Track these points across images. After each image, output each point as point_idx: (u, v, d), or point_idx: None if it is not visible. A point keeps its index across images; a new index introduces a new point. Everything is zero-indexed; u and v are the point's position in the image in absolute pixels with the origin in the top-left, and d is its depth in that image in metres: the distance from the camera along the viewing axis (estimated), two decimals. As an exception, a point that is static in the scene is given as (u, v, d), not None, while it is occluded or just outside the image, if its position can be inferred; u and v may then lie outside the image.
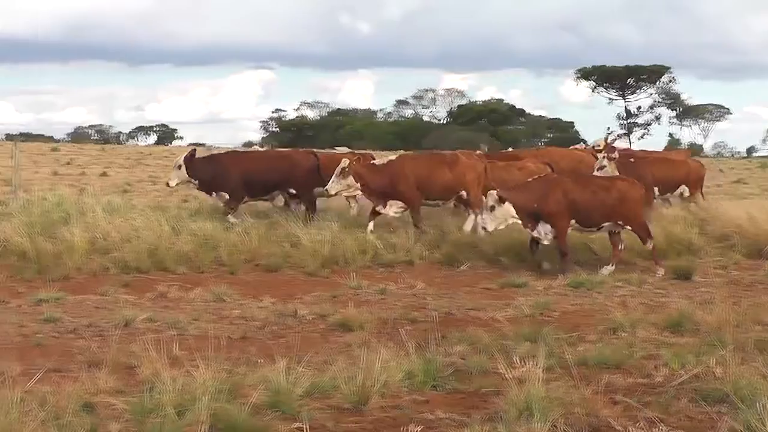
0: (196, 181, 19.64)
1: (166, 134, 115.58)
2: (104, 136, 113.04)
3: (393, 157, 19.12)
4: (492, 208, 15.28)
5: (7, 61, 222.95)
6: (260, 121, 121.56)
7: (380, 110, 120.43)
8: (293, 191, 20.01)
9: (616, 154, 20.06)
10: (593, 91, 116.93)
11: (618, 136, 27.95)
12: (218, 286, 13.42)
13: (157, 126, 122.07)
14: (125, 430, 7.26)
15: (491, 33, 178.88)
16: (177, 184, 19.99)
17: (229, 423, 7.24)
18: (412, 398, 8.28)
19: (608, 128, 30.79)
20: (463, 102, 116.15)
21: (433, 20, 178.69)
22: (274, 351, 9.43)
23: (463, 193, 18.51)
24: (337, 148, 29.39)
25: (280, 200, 20.54)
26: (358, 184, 17.94)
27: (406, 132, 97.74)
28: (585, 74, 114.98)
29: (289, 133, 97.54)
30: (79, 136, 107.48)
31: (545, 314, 12.19)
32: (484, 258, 15.91)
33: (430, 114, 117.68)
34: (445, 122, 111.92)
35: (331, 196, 18.71)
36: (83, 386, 8.06)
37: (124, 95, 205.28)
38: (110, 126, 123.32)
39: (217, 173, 19.59)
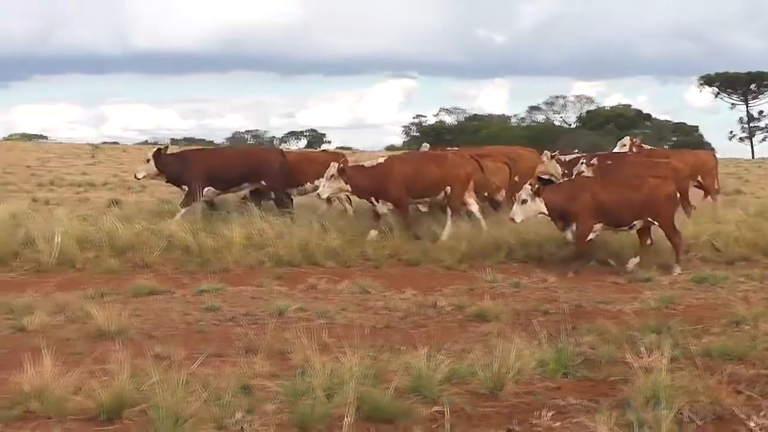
0: (164, 175, 19.66)
1: (315, 138, 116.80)
2: (259, 140, 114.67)
3: (382, 159, 18.36)
4: (524, 202, 15.03)
5: (171, 72, 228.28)
6: (402, 126, 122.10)
7: (514, 115, 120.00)
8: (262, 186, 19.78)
9: (595, 160, 19.55)
10: (716, 96, 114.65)
11: (637, 138, 27.73)
12: (363, 279, 13.48)
13: (307, 131, 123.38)
14: (279, 410, 7.34)
15: (618, 43, 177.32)
16: (144, 177, 19.91)
17: (374, 405, 7.28)
18: (545, 385, 8.23)
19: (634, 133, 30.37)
20: (592, 107, 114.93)
21: (562, 31, 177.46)
22: (415, 339, 9.45)
23: (448, 188, 17.69)
24: (322, 147, 29.24)
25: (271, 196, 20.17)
26: (348, 187, 17.47)
27: (537, 136, 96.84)
28: (708, 81, 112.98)
29: (428, 136, 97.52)
30: (236, 140, 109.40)
31: (670, 307, 11.94)
32: (610, 256, 15.62)
33: (561, 119, 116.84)
34: (574, 126, 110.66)
35: (323, 199, 18.32)
36: (241, 370, 8.21)
37: (277, 103, 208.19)
38: (265, 131, 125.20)
39: (182, 168, 19.49)
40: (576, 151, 26.37)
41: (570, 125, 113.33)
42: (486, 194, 19.05)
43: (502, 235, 15.64)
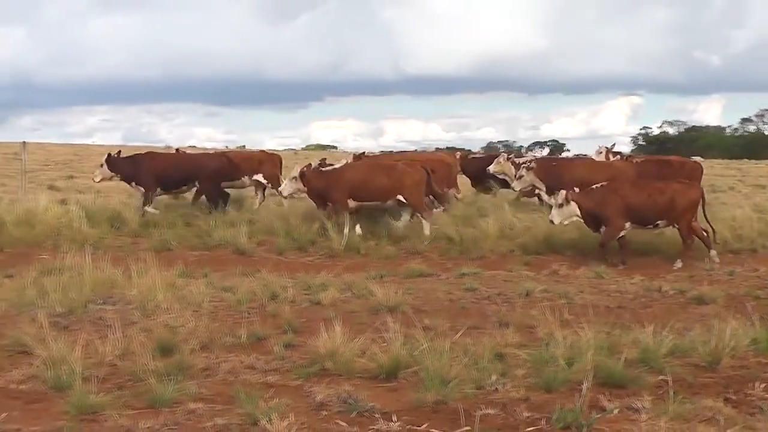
0: (117, 176, 18.95)
1: (556, 147, 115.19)
2: (509, 150, 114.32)
3: (338, 165, 17.34)
4: (560, 206, 14.23)
5: (437, 93, 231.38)
6: (630, 137, 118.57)
7: (728, 126, 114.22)
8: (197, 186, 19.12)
9: (533, 163, 18.10)
10: None
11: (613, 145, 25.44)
12: (598, 266, 13.31)
13: (549, 141, 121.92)
14: (527, 375, 7.40)
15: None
16: (101, 180, 19.32)
17: (608, 373, 7.26)
18: (757, 360, 7.99)
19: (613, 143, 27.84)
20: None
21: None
22: (642, 318, 9.35)
23: (400, 197, 16.32)
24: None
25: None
26: (305, 188, 16.50)
27: (749, 144, 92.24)
28: None
29: (653, 146, 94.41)
30: (489, 149, 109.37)
31: None
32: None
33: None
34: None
35: (285, 197, 17.33)
36: (495, 340, 8.30)
37: (524, 118, 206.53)
38: (514, 141, 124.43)
39: (133, 170, 18.81)
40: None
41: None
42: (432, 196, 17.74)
43: (718, 230, 15.00)
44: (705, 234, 14.44)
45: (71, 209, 16.94)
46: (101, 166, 18.95)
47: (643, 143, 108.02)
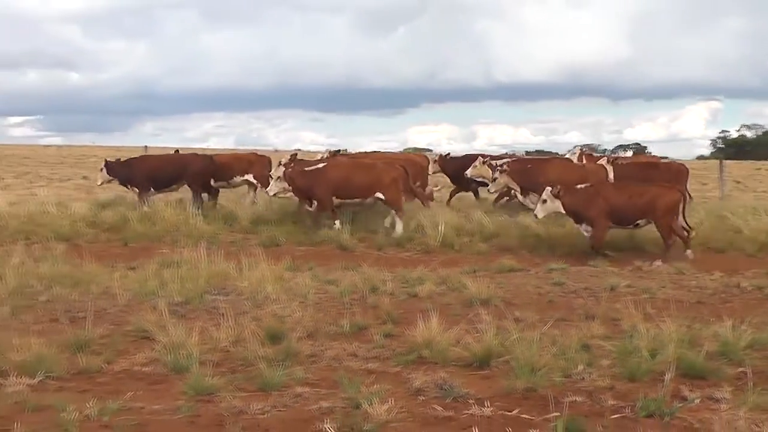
0: (116, 180, 19.36)
1: (639, 150, 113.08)
2: (594, 151, 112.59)
3: (321, 165, 16.97)
4: (544, 202, 14.15)
5: (526, 99, 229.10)
6: (709, 140, 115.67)
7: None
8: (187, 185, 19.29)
9: (506, 166, 17.32)
10: None
11: (585, 148, 24.44)
12: (679, 262, 13.09)
13: (632, 144, 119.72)
14: (612, 365, 7.35)
15: None
16: (101, 183, 19.80)
17: (689, 364, 7.17)
18: (839, 354, 7.71)
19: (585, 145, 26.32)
20: None
21: None
22: (722, 313, 9.16)
23: (379, 194, 16.23)
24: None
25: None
26: (290, 186, 16.35)
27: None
28: None
29: (731, 149, 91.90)
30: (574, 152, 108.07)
31: None
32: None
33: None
34: None
35: (272, 196, 17.02)
36: (581, 332, 8.25)
37: (608, 122, 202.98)
38: (599, 144, 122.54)
39: (128, 173, 19.17)
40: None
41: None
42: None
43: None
44: (686, 234, 14.20)
45: (188, 208, 17.33)
46: (101, 170, 19.50)
47: (722, 146, 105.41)
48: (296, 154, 19.46)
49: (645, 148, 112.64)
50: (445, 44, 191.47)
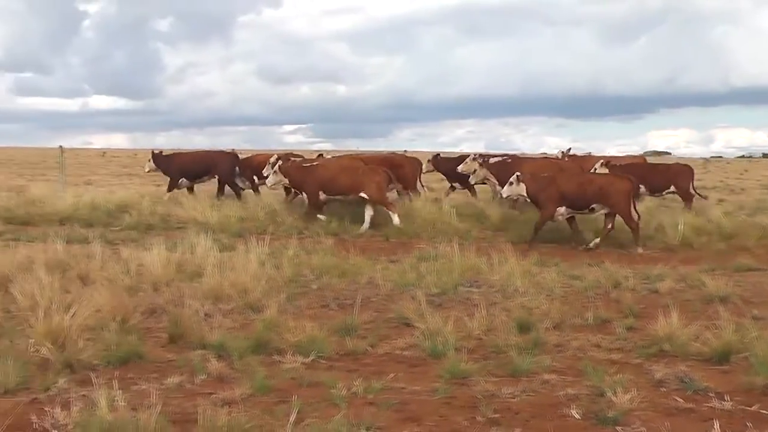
0: (159, 170, 20.26)
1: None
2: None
3: (316, 163, 17.00)
4: (511, 184, 14.40)
5: (764, 102, 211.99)
6: None
7: None
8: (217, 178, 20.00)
9: (489, 160, 17.55)
10: None
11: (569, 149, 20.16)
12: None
13: None
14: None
15: None
16: (148, 171, 20.71)
17: None
18: None
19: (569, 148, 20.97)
20: None
21: None
22: None
23: (363, 194, 15.95)
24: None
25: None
26: (286, 180, 16.76)
27: None
28: None
29: None
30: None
31: None
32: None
33: None
34: None
35: (270, 187, 17.74)
36: None
37: None
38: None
39: (167, 165, 19.95)
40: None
41: None
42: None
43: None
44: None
45: (444, 207, 17.42)
46: (149, 161, 20.60)
47: None
48: (291, 153, 20.58)
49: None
50: (683, 51, 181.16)
